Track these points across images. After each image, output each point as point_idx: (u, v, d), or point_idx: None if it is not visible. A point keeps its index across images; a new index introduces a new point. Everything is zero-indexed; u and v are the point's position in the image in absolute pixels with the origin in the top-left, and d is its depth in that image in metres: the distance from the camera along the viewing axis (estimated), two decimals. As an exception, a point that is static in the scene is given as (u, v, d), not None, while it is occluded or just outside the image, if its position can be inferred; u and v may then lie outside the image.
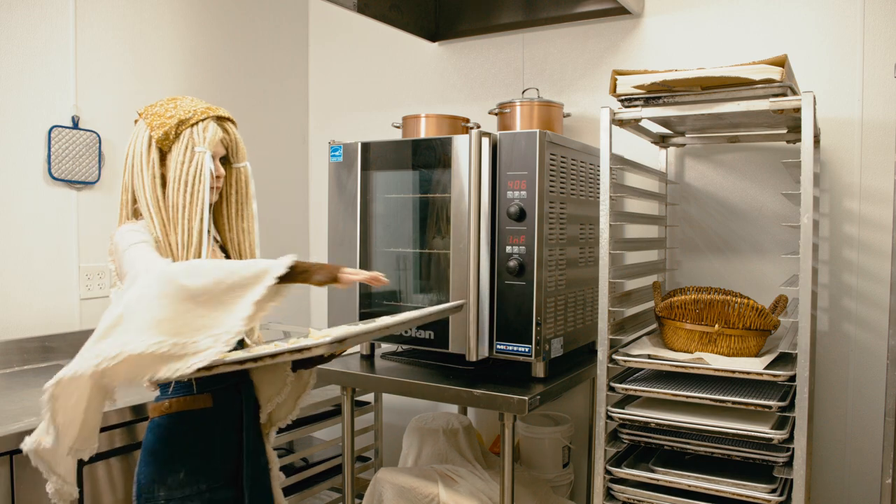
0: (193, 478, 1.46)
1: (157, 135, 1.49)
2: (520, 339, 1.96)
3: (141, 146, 1.51)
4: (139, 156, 1.50)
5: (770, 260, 2.33)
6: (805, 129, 1.61)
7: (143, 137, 1.51)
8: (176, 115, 1.51)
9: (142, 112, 1.55)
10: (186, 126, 1.51)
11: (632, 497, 1.82)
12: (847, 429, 2.23)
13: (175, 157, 1.50)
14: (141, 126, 1.53)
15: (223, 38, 2.95)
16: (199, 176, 1.49)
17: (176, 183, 1.49)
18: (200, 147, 1.50)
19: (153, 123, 1.51)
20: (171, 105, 1.53)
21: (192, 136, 1.51)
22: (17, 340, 2.23)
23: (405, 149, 2.21)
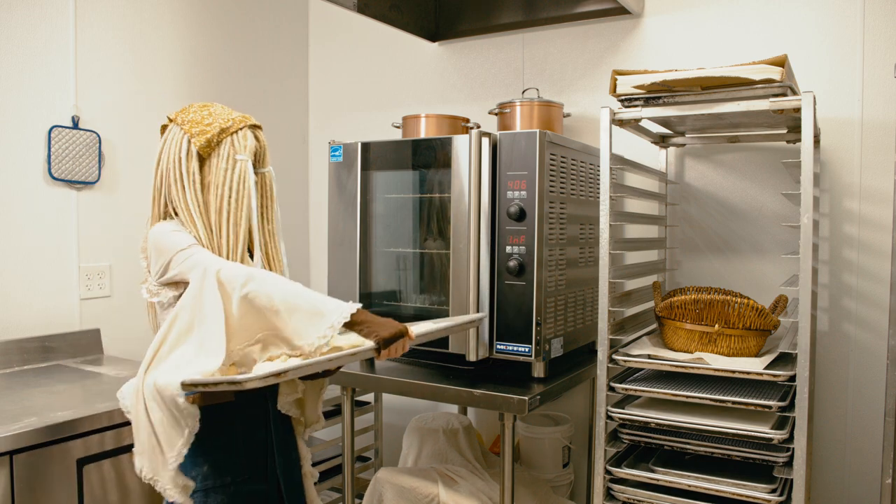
0: (217, 471, 1.50)
1: (199, 142, 1.54)
2: (520, 339, 1.96)
3: (179, 152, 1.55)
4: (178, 161, 1.54)
5: (770, 260, 2.33)
6: (805, 129, 1.61)
7: (181, 143, 1.55)
8: (216, 124, 1.56)
9: (173, 117, 1.59)
10: (227, 134, 1.57)
11: (632, 497, 1.82)
12: (847, 429, 2.23)
13: (217, 165, 1.55)
14: (176, 132, 1.57)
15: (223, 38, 2.95)
16: (243, 183, 1.56)
17: (220, 189, 1.54)
18: (242, 156, 1.57)
19: (192, 130, 1.55)
20: (205, 112, 1.58)
21: (233, 145, 1.57)
22: (17, 340, 2.23)
23: (405, 149, 2.21)
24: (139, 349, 2.55)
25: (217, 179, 1.55)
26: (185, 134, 1.56)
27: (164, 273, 1.49)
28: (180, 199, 1.53)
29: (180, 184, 1.54)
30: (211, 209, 1.54)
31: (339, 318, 1.37)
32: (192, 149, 1.55)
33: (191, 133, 1.55)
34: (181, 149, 1.55)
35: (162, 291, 1.52)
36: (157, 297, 1.53)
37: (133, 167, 2.58)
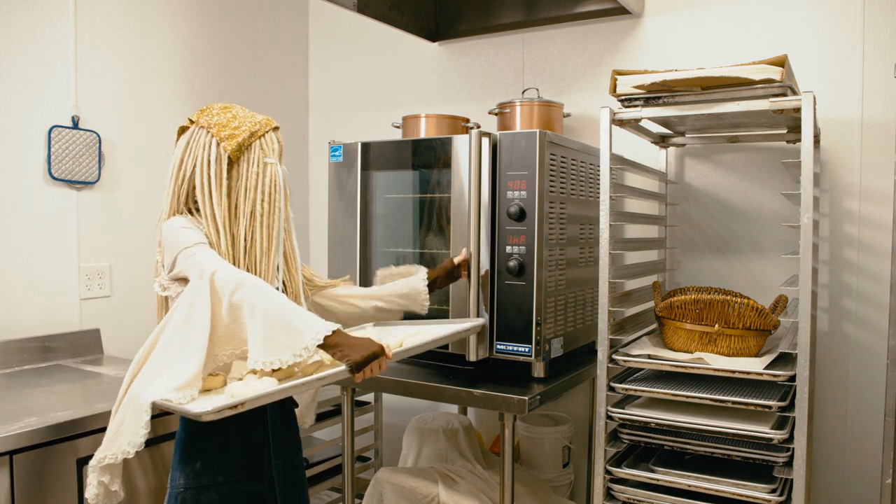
0: (209, 469, 1.50)
1: (230, 146, 1.53)
2: (520, 339, 1.96)
3: (208, 156, 1.53)
4: (207, 165, 1.52)
5: (770, 260, 2.33)
6: (805, 129, 1.61)
7: (209, 147, 1.53)
8: (243, 127, 1.55)
9: (195, 119, 1.57)
10: (256, 138, 1.56)
11: (632, 497, 1.82)
12: (847, 429, 2.23)
13: (247, 168, 1.55)
14: (201, 135, 1.55)
15: (223, 38, 2.95)
16: (275, 187, 1.57)
17: (252, 193, 1.54)
18: (271, 159, 1.57)
19: (221, 134, 1.53)
20: (229, 115, 1.56)
21: (262, 148, 1.57)
22: (16, 340, 2.23)
23: (405, 149, 2.21)
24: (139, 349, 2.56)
25: (248, 184, 1.54)
26: (212, 137, 1.54)
27: (172, 268, 1.48)
28: (206, 203, 1.51)
29: (208, 188, 1.52)
30: (239, 214, 1.53)
31: (313, 339, 1.36)
32: (222, 153, 1.53)
33: (219, 136, 1.53)
34: (209, 152, 1.53)
35: (172, 286, 1.52)
36: (167, 291, 1.52)
37: (133, 167, 2.58)
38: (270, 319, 1.36)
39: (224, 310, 1.38)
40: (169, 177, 1.57)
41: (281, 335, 1.35)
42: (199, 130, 1.56)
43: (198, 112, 1.58)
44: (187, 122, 1.59)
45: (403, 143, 2.23)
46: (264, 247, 1.55)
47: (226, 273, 1.41)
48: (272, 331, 1.35)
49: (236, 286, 1.38)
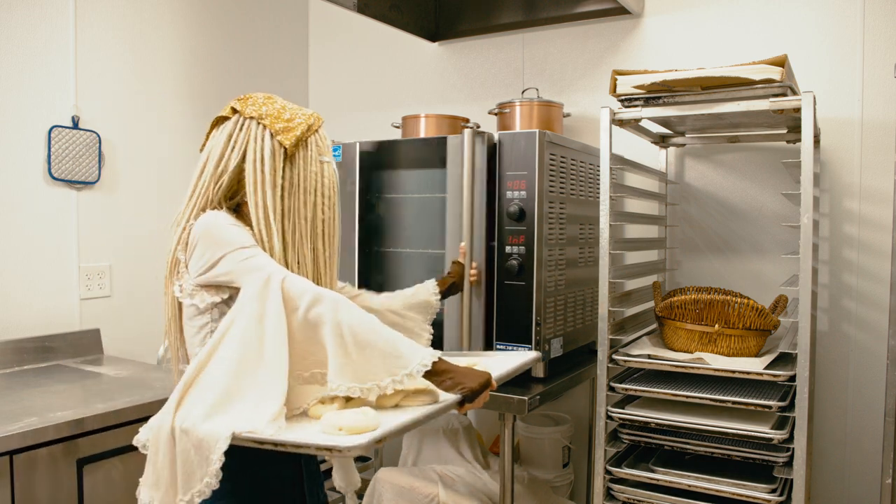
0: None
1: (288, 140, 1.35)
2: (520, 339, 1.96)
3: (264, 150, 1.34)
4: (261, 161, 1.34)
5: (770, 260, 2.33)
6: (805, 129, 1.61)
7: (263, 139, 1.35)
8: (299, 119, 1.39)
9: (240, 109, 1.39)
10: (312, 132, 1.40)
11: (632, 497, 1.82)
12: (847, 429, 2.23)
13: (304, 167, 1.38)
14: (251, 126, 1.36)
15: (223, 38, 2.95)
16: (335, 189, 1.41)
17: (312, 196, 1.37)
18: (327, 157, 1.42)
19: (276, 126, 1.36)
20: (277, 105, 1.39)
21: (317, 144, 1.41)
22: (16, 340, 2.23)
23: (404, 149, 2.21)
24: (139, 349, 2.56)
25: (307, 184, 1.37)
26: (265, 129, 1.36)
27: (208, 269, 1.28)
28: (259, 203, 1.32)
29: (261, 186, 1.33)
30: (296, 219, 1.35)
31: (418, 365, 1.20)
32: (277, 146, 1.35)
33: (273, 128, 1.35)
34: (263, 145, 1.34)
35: (199, 293, 1.31)
36: (193, 298, 1.31)
37: (133, 167, 2.58)
38: (363, 341, 1.19)
39: (297, 325, 1.20)
40: (200, 170, 1.37)
41: (376, 359, 1.19)
42: (246, 121, 1.37)
43: (239, 101, 1.41)
44: (227, 112, 1.40)
45: (402, 143, 2.23)
46: (327, 256, 1.39)
47: (299, 283, 1.22)
48: (366, 354, 1.19)
49: (314, 299, 1.20)
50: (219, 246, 1.27)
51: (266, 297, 1.20)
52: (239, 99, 1.40)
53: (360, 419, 1.14)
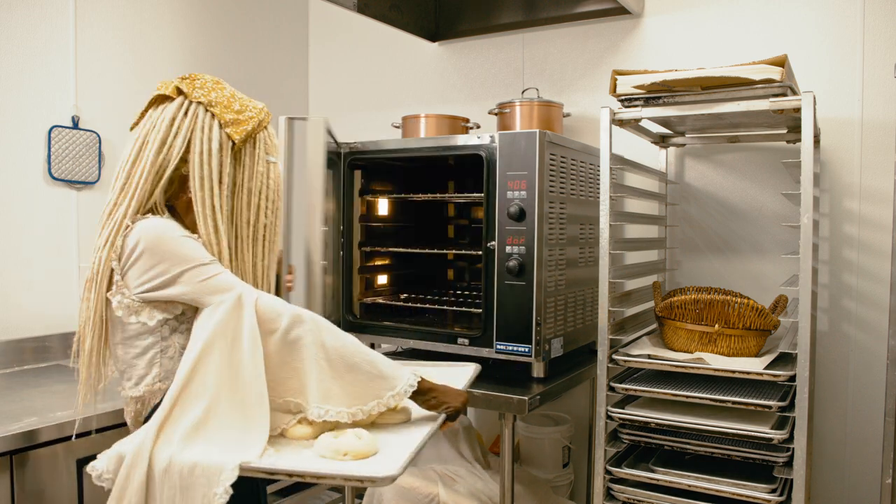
0: None
1: (238, 135, 1.25)
2: (520, 339, 1.96)
3: (211, 141, 1.23)
4: (211, 154, 1.23)
5: (770, 260, 2.33)
6: (805, 129, 1.61)
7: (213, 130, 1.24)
8: (249, 113, 1.27)
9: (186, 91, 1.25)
10: (261, 129, 1.30)
11: (632, 497, 1.82)
12: (847, 429, 2.23)
13: (252, 166, 1.27)
14: (199, 112, 1.24)
15: (223, 38, 2.95)
16: (279, 193, 1.31)
17: (258, 197, 1.27)
18: (274, 158, 1.32)
19: (225, 117, 1.24)
20: (225, 92, 1.27)
21: (265, 142, 1.30)
22: (16, 340, 2.23)
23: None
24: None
25: (252, 185, 1.27)
26: (214, 118, 1.24)
27: (160, 287, 1.16)
28: (206, 204, 1.22)
29: (209, 183, 1.22)
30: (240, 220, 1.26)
31: (406, 385, 1.20)
32: (225, 139, 1.24)
33: (223, 119, 1.24)
34: (212, 137, 1.23)
35: (145, 310, 1.19)
36: (138, 316, 1.19)
37: (133, 167, 2.58)
38: (349, 364, 1.16)
39: (274, 348, 1.14)
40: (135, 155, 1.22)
41: (362, 382, 1.17)
42: (193, 106, 1.24)
43: (184, 80, 1.26)
44: (170, 91, 1.25)
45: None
46: (265, 265, 1.29)
47: (274, 302, 1.16)
48: (352, 377, 1.16)
49: (293, 320, 1.15)
50: (173, 262, 1.16)
51: (240, 318, 1.13)
52: (184, 78, 1.27)
53: (361, 444, 1.11)
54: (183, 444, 1.07)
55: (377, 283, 2.50)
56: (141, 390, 1.23)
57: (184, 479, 1.05)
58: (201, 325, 1.14)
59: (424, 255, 2.64)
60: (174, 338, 1.23)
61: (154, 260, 1.16)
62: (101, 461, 1.09)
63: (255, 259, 1.29)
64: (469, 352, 2.04)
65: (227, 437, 1.09)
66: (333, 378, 1.16)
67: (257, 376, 1.12)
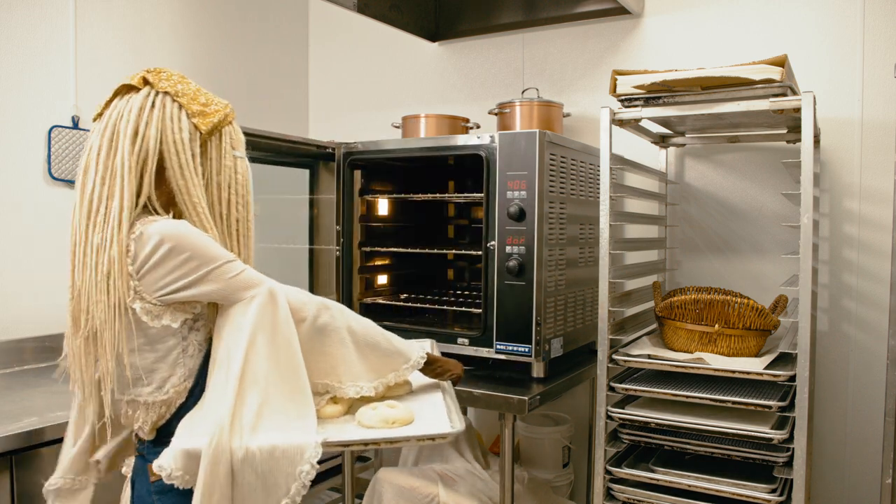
0: None
1: (205, 126, 1.23)
2: (520, 339, 1.96)
3: (182, 132, 1.21)
4: (184, 143, 1.21)
5: (770, 260, 2.33)
6: (805, 129, 1.61)
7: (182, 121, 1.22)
8: (217, 107, 1.26)
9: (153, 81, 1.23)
10: (227, 123, 1.28)
11: (632, 497, 1.82)
12: (847, 429, 2.23)
13: (219, 159, 1.26)
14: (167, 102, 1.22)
15: (223, 38, 2.95)
16: (248, 187, 1.31)
17: (226, 192, 1.27)
18: (238, 152, 1.30)
19: (192, 107, 1.23)
20: (190, 86, 1.26)
21: (231, 137, 1.29)
22: (16, 340, 2.23)
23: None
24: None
25: (220, 178, 1.26)
26: (182, 109, 1.22)
27: (188, 286, 1.15)
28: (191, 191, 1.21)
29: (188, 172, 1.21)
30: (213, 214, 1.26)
31: (417, 358, 1.34)
32: (194, 130, 1.23)
33: (190, 109, 1.23)
34: (182, 127, 1.21)
35: (167, 313, 1.19)
36: (161, 319, 1.18)
37: (133, 167, 2.58)
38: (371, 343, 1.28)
39: (305, 336, 1.20)
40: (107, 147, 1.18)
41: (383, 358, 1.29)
42: (160, 96, 1.21)
43: (150, 73, 1.24)
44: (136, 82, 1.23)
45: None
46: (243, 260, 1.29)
47: (299, 294, 1.22)
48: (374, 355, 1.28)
49: (319, 308, 1.21)
50: (202, 260, 1.15)
51: (275, 311, 1.17)
52: (149, 71, 1.25)
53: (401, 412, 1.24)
54: (252, 433, 1.10)
55: (377, 283, 2.50)
56: (168, 392, 1.22)
57: (265, 463, 1.08)
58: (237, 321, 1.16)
59: (424, 255, 2.64)
60: (192, 336, 1.23)
61: (180, 259, 1.15)
62: (168, 459, 1.09)
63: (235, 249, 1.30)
64: (469, 352, 2.04)
65: (286, 422, 1.14)
66: (360, 358, 1.25)
67: (298, 364, 1.19)
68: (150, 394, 1.22)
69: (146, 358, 1.21)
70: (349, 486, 2.23)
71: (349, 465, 2.23)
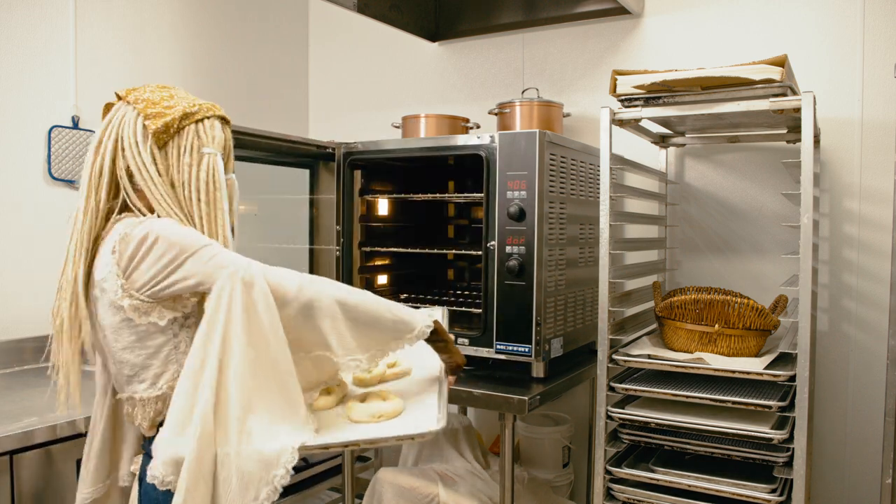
0: None
1: (154, 125, 1.25)
2: (520, 339, 1.96)
3: (134, 135, 1.26)
4: (137, 144, 1.25)
5: (770, 260, 2.33)
6: (805, 129, 1.61)
7: (133, 124, 1.26)
8: (178, 107, 1.29)
9: (124, 94, 1.30)
10: (191, 121, 1.29)
11: (632, 497, 1.82)
12: (847, 429, 2.23)
13: (178, 158, 1.28)
14: (126, 111, 1.28)
15: (223, 38, 2.95)
16: (214, 182, 1.29)
17: (185, 189, 1.27)
18: (209, 149, 1.30)
19: (147, 111, 1.26)
20: (164, 93, 1.31)
21: (198, 134, 1.30)
22: (16, 340, 2.23)
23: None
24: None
25: (182, 177, 1.27)
26: (138, 114, 1.26)
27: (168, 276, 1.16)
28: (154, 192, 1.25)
29: (147, 173, 1.24)
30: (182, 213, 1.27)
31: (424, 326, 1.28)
32: (142, 130, 1.26)
33: (145, 113, 1.26)
34: (136, 131, 1.26)
35: (155, 311, 1.21)
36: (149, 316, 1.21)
37: (133, 167, 2.58)
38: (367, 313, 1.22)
39: (293, 311, 1.16)
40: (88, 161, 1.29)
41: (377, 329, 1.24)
42: (124, 107, 1.29)
43: (128, 89, 1.32)
44: (114, 99, 1.33)
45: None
46: None
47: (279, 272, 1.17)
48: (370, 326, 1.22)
49: (301, 285, 1.17)
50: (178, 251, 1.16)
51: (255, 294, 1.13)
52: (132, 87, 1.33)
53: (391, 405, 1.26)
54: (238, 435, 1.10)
55: (377, 283, 2.50)
56: (162, 388, 1.25)
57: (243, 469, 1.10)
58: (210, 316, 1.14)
59: (424, 255, 2.64)
60: (183, 333, 1.25)
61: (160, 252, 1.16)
62: (160, 468, 1.11)
63: None
64: (469, 352, 2.04)
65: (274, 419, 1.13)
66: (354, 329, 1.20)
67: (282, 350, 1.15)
68: (145, 390, 1.24)
69: (138, 355, 1.23)
70: (349, 486, 2.23)
71: (349, 465, 2.23)
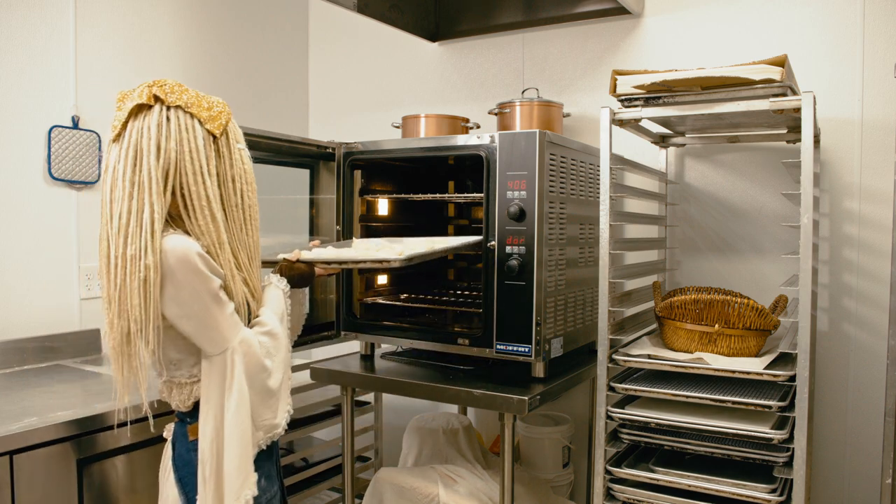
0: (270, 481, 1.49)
1: (217, 130, 1.37)
2: (520, 339, 1.96)
3: (196, 141, 1.34)
4: (198, 152, 1.34)
5: (770, 260, 2.33)
6: (805, 129, 1.61)
7: (196, 129, 1.35)
8: (219, 109, 1.40)
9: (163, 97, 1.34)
10: (229, 121, 1.42)
11: (632, 497, 1.82)
12: (847, 429, 2.23)
13: (230, 154, 1.40)
14: (180, 115, 1.35)
15: (223, 38, 2.95)
16: (252, 173, 1.45)
17: (240, 183, 1.41)
18: (241, 144, 1.44)
19: (202, 115, 1.37)
20: (192, 93, 1.38)
21: (234, 132, 1.43)
22: (16, 340, 2.23)
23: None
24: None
25: (234, 172, 1.40)
26: (193, 118, 1.36)
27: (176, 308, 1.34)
28: (201, 194, 1.34)
29: (202, 177, 1.34)
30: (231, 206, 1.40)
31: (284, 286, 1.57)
32: (208, 135, 1.37)
33: (201, 117, 1.36)
34: (196, 135, 1.35)
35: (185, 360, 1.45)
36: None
37: (133, 167, 2.58)
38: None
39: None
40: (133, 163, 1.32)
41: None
42: (172, 110, 1.35)
43: (156, 88, 1.35)
44: (148, 100, 1.34)
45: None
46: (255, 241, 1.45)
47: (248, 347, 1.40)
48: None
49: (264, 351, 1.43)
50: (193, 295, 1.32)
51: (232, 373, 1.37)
52: (152, 85, 1.36)
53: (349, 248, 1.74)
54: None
55: (377, 282, 2.50)
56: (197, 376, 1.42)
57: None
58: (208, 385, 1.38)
59: (424, 255, 2.64)
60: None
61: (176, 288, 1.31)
62: None
63: (248, 239, 1.44)
64: (469, 352, 2.04)
65: None
66: None
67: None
68: (182, 376, 1.43)
69: (179, 350, 1.40)
70: (349, 486, 2.23)
71: (349, 465, 2.23)
